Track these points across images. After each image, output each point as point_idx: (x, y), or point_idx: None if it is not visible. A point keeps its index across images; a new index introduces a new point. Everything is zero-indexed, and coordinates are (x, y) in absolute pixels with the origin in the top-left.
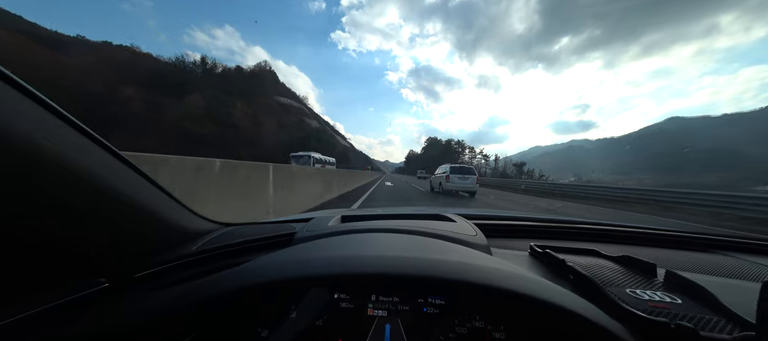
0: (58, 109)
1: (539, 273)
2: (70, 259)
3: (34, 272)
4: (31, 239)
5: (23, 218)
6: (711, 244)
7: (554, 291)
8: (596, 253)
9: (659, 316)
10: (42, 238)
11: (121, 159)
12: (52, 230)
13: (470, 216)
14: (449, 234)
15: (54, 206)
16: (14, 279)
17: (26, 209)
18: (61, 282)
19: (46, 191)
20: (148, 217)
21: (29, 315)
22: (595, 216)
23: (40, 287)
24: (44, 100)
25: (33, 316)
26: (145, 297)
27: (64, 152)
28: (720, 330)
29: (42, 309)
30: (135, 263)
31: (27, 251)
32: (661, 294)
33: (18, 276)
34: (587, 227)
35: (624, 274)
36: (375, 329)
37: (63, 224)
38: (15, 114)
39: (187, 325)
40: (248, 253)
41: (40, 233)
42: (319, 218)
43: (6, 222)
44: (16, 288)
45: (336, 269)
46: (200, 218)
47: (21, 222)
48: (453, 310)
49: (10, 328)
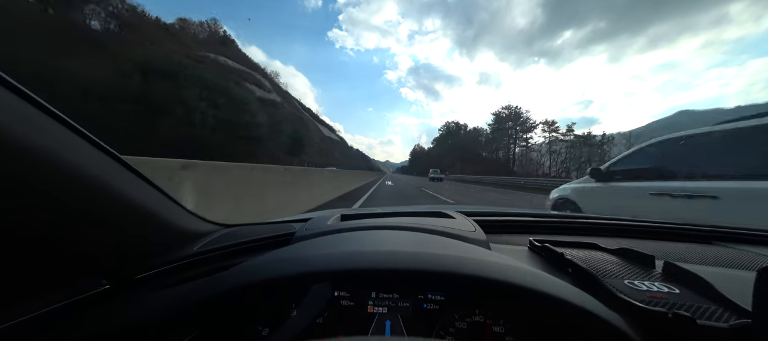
0: (55, 111)
1: (538, 266)
2: (70, 261)
3: (35, 273)
4: (30, 240)
5: (21, 218)
6: (708, 235)
7: (552, 283)
8: (595, 246)
9: (657, 306)
10: (41, 239)
11: (120, 162)
12: (51, 232)
13: (469, 213)
14: (448, 230)
15: (52, 207)
16: (14, 281)
17: (24, 210)
18: (62, 283)
19: (44, 192)
20: (148, 218)
21: (30, 317)
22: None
23: (41, 289)
24: (41, 103)
25: (34, 318)
26: (145, 298)
27: (62, 154)
28: (717, 318)
29: (43, 311)
30: (136, 264)
31: (26, 252)
32: (659, 284)
33: (18, 278)
34: (586, 221)
35: (622, 266)
36: (375, 325)
37: (61, 226)
38: (11, 116)
39: (188, 325)
40: (248, 253)
41: (40, 235)
42: (319, 217)
43: (3, 223)
44: (16, 290)
45: (334, 265)
46: (200, 220)
47: (18, 223)
48: (452, 305)
49: (11, 330)
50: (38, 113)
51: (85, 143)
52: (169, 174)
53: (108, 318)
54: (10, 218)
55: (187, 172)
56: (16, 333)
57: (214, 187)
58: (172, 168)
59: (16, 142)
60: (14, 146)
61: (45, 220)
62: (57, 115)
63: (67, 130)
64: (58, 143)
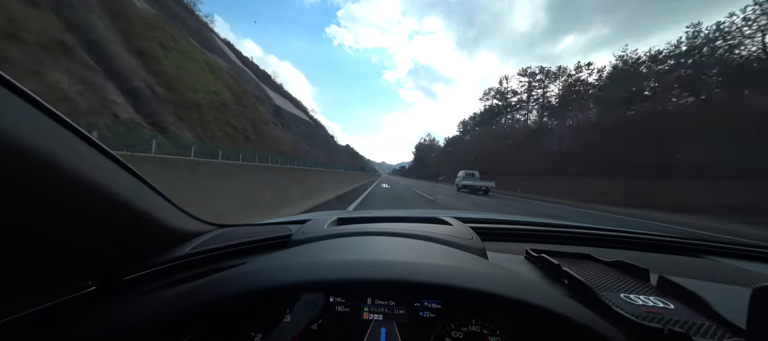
0: (46, 105)
1: (534, 277)
2: (57, 261)
3: (21, 274)
4: (14, 239)
5: (7, 216)
6: (703, 250)
7: (548, 296)
8: (591, 258)
9: (653, 321)
10: (26, 238)
11: (112, 158)
12: (37, 231)
13: (467, 219)
14: (445, 238)
15: (39, 204)
16: (1, 281)
17: (10, 208)
18: (48, 285)
19: (31, 188)
20: (140, 218)
21: (16, 317)
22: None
23: (27, 290)
24: (30, 95)
25: (20, 319)
26: (134, 301)
27: (50, 149)
28: (711, 336)
29: (29, 312)
30: (124, 265)
31: (11, 251)
32: (654, 299)
33: (4, 278)
34: (582, 231)
35: (618, 279)
36: (371, 333)
37: (48, 224)
38: (2, 111)
39: (178, 330)
40: (244, 255)
41: (24, 234)
42: (316, 220)
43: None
44: (2, 291)
45: (331, 274)
46: (193, 219)
47: (5, 221)
48: (449, 314)
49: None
50: (25, 105)
51: (70, 135)
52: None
53: (95, 321)
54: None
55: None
56: (2, 334)
57: None
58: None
59: (2, 135)
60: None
61: (27, 218)
62: (48, 109)
63: (56, 123)
64: (43, 136)
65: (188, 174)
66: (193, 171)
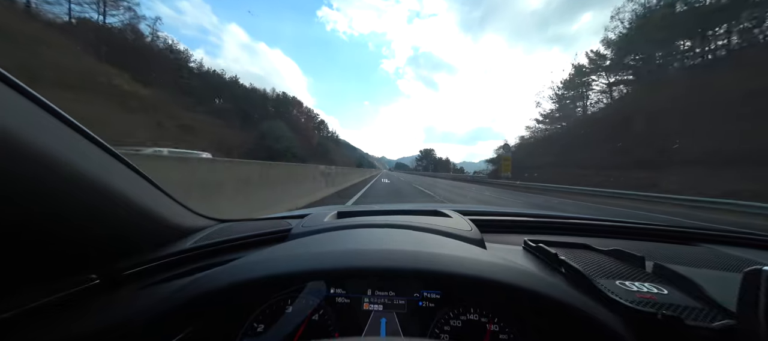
0: (50, 104)
1: (532, 266)
2: (60, 254)
3: (25, 267)
4: (19, 233)
5: (11, 211)
6: (697, 238)
7: (546, 283)
8: (587, 247)
9: (647, 306)
10: (30, 233)
11: (113, 155)
12: (41, 225)
13: (465, 212)
14: (444, 229)
15: (43, 200)
16: (2, 276)
17: (15, 203)
18: (51, 279)
19: (35, 184)
20: (141, 213)
21: (19, 312)
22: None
23: (32, 283)
24: (36, 96)
25: (23, 313)
26: (137, 294)
27: (52, 147)
28: (703, 319)
29: (32, 306)
30: (127, 259)
31: (16, 245)
32: (649, 285)
33: (6, 273)
34: (579, 222)
35: (614, 267)
36: (371, 323)
37: (52, 219)
38: (3, 108)
39: (182, 321)
40: (244, 249)
41: (29, 228)
42: (316, 214)
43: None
44: (4, 285)
45: (331, 263)
46: (194, 214)
47: (10, 216)
48: (448, 304)
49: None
50: (30, 104)
51: (73, 133)
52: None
53: (97, 314)
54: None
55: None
56: (4, 329)
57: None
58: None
59: (2, 134)
60: (2, 138)
61: (31, 213)
62: (48, 106)
63: (56, 120)
64: (45, 134)
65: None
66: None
